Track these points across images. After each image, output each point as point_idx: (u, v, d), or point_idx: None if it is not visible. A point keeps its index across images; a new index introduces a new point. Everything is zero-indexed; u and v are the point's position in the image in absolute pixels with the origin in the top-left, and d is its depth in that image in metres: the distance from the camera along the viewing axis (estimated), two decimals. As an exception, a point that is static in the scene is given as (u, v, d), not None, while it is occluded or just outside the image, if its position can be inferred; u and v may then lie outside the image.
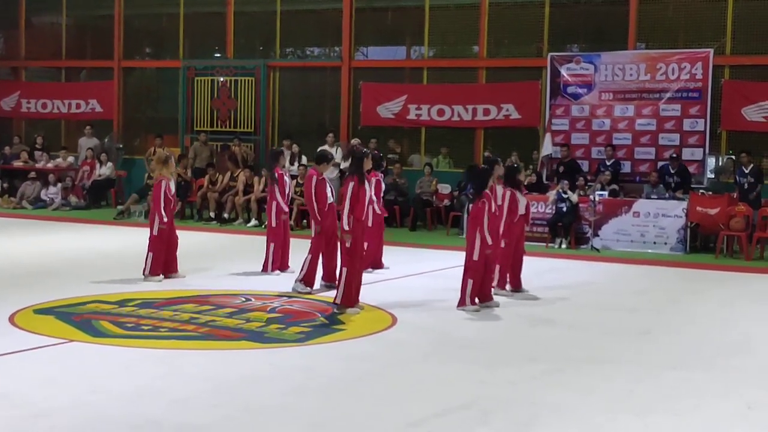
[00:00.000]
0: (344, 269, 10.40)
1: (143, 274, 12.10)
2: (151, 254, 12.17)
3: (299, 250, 12.63)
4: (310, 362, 8.20)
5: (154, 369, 7.79)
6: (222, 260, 13.89)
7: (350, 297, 10.35)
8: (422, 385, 7.57)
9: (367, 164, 10.85)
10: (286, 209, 13.22)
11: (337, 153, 19.72)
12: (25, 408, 6.60)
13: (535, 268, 13.26)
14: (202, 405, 6.82)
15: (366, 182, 10.63)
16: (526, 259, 12.31)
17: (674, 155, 17.83)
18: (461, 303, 10.64)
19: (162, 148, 21.38)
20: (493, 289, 11.16)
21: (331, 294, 11.01)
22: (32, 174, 22.28)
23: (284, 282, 12.10)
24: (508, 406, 7.00)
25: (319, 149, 14.46)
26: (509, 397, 7.26)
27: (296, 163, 19.77)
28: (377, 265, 13.38)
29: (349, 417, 6.70)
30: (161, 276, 12.15)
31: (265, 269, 12.98)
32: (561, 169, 18.34)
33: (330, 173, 14.53)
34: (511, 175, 11.84)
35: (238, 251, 14.72)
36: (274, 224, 13.10)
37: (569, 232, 16.82)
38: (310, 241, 11.79)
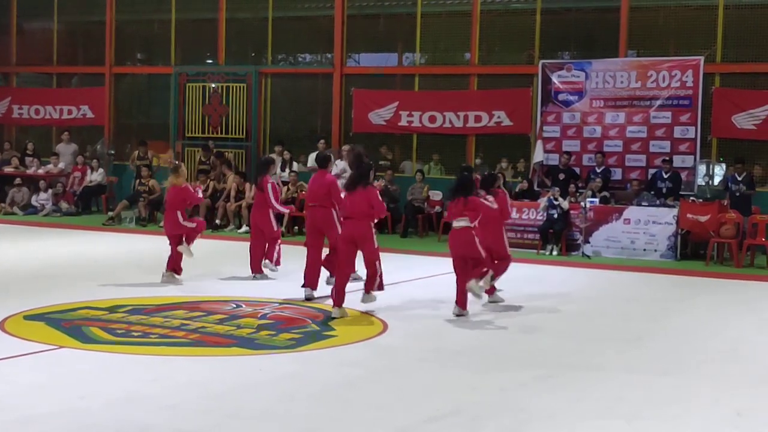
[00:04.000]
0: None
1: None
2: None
3: (294, 256, 12.64)
4: (300, 369, 8.20)
5: (143, 375, 7.78)
6: (213, 266, 13.87)
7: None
8: (412, 391, 7.57)
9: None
10: (285, 210, 13.91)
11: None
12: (13, 413, 6.58)
13: (526, 275, 13.27)
14: (192, 411, 6.81)
15: None
16: (517, 265, 12.36)
17: (667, 159, 17.87)
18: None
19: (153, 155, 21.50)
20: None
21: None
22: (17, 180, 22.21)
23: (273, 288, 12.10)
24: (498, 413, 7.01)
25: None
26: (499, 404, 7.27)
27: (287, 170, 19.76)
28: None
29: (338, 423, 6.69)
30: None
31: (277, 263, 13.26)
32: (561, 176, 18.33)
33: None
34: (490, 181, 11.94)
35: (229, 257, 14.71)
36: (276, 228, 13.38)
37: (560, 239, 16.83)
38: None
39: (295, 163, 20.06)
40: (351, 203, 10.78)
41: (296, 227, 18.91)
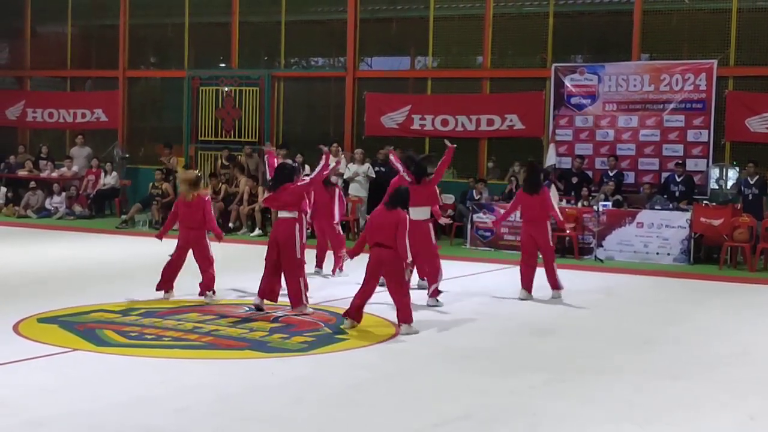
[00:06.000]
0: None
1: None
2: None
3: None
4: (312, 372, 8.22)
5: (155, 378, 7.81)
6: (226, 270, 13.87)
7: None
8: (423, 394, 7.58)
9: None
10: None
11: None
12: (23, 416, 6.62)
13: (537, 278, 13.19)
14: (203, 414, 6.83)
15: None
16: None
17: (680, 162, 17.83)
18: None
19: (166, 160, 21.61)
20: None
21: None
22: (32, 184, 22.33)
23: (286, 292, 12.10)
24: (508, 416, 7.01)
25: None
26: (510, 407, 7.26)
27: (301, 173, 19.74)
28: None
29: (348, 426, 6.71)
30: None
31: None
32: (574, 180, 18.30)
33: None
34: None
35: (241, 261, 14.74)
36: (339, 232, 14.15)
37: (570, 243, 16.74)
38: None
39: (306, 167, 20.05)
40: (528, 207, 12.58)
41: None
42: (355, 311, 10.06)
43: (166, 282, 11.54)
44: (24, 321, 9.85)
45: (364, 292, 10.07)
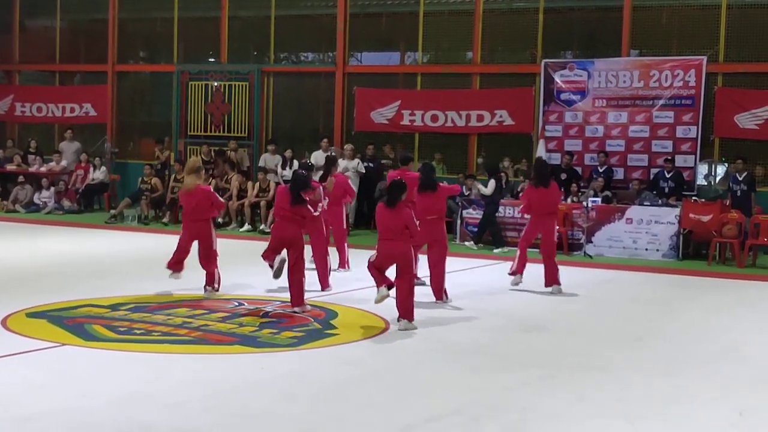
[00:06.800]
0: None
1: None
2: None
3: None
4: (302, 367, 8.21)
5: (145, 373, 7.79)
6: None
7: None
8: (414, 390, 7.58)
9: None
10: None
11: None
12: (14, 411, 6.59)
13: (528, 274, 13.23)
14: (193, 409, 6.82)
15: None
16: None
17: (669, 158, 17.86)
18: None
19: (160, 152, 21.58)
20: None
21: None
22: (21, 178, 22.25)
23: (276, 287, 12.10)
24: (499, 412, 7.01)
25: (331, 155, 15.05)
26: (501, 403, 7.27)
27: (287, 168, 19.75)
28: None
29: (339, 422, 6.70)
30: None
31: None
32: (563, 176, 18.31)
33: None
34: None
35: (231, 256, 14.69)
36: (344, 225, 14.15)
37: (483, 232, 17.15)
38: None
39: (295, 162, 20.04)
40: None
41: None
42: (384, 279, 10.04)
43: (177, 262, 11.60)
44: (12, 315, 9.82)
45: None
